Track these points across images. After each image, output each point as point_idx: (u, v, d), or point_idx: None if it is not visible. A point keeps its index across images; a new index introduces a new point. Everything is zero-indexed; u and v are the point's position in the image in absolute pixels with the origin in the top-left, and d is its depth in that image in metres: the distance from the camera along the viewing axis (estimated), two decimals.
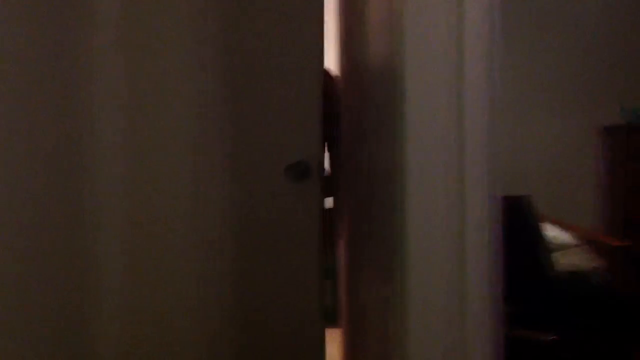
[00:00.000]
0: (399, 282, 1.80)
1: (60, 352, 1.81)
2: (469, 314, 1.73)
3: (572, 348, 2.68)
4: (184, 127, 1.97)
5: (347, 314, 2.65)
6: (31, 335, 1.74)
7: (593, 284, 2.97)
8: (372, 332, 2.19)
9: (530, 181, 3.81)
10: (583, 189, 4.11)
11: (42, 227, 1.75)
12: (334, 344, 2.61)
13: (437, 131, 1.73)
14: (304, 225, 1.96)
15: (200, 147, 1.97)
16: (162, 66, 1.95)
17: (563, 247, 3.16)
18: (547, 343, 2.60)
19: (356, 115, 2.66)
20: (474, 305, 1.73)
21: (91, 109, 1.87)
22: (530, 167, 4.00)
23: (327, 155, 2.61)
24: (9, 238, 1.68)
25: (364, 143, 2.68)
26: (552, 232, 3.17)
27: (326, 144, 2.59)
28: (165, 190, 1.95)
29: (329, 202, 2.60)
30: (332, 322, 2.62)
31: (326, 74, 2.57)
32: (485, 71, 1.74)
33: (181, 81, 1.96)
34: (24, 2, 1.71)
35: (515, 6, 3.91)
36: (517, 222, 2.14)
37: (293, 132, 1.98)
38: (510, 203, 1.85)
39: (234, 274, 2.00)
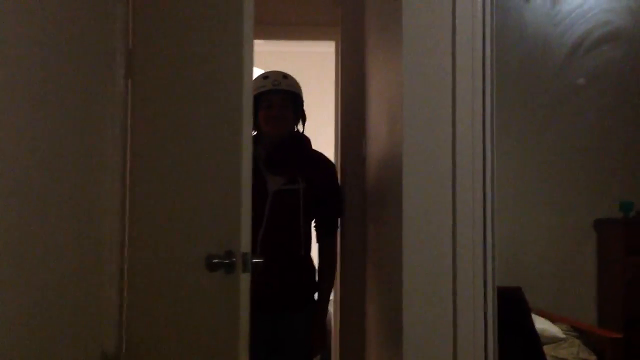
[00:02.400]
0: None
1: None
2: None
3: None
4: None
5: None
6: None
7: None
8: None
9: (526, 273, 3.87)
10: (580, 282, 4.14)
11: None
12: None
13: (432, 224, 1.81)
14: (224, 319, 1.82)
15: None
16: None
17: (553, 340, 3.17)
18: None
19: (357, 205, 2.75)
20: None
21: None
22: (526, 259, 4.05)
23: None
24: None
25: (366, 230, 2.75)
26: (542, 325, 3.19)
27: (321, 229, 2.62)
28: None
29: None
30: None
31: (330, 165, 2.65)
32: (479, 167, 1.83)
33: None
34: None
35: (512, 103, 4.08)
36: (507, 314, 2.18)
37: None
38: (500, 294, 1.89)
39: None
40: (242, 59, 1.74)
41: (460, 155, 1.82)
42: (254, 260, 1.77)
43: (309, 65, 4.70)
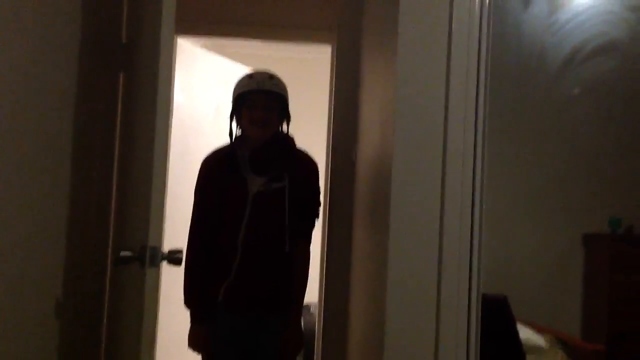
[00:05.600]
0: None
1: None
2: None
3: None
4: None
5: None
6: None
7: None
8: None
9: (514, 283, 3.85)
10: (567, 294, 4.14)
11: None
12: None
13: (419, 228, 1.80)
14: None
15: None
16: None
17: (536, 350, 3.17)
18: None
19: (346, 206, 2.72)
20: None
21: None
22: (515, 270, 4.04)
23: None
24: None
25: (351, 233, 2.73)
26: (527, 334, 3.18)
27: (298, 231, 2.53)
28: None
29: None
30: None
31: (314, 165, 2.58)
32: (468, 174, 1.82)
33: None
34: None
35: (505, 113, 4.06)
36: (492, 322, 2.16)
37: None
38: (486, 302, 1.88)
39: None
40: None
41: (450, 163, 1.81)
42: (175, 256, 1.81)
43: (303, 70, 4.68)
